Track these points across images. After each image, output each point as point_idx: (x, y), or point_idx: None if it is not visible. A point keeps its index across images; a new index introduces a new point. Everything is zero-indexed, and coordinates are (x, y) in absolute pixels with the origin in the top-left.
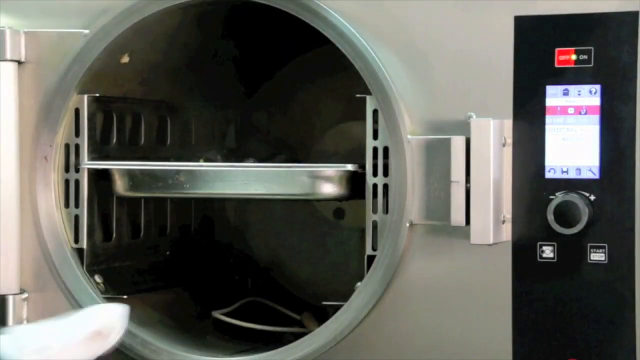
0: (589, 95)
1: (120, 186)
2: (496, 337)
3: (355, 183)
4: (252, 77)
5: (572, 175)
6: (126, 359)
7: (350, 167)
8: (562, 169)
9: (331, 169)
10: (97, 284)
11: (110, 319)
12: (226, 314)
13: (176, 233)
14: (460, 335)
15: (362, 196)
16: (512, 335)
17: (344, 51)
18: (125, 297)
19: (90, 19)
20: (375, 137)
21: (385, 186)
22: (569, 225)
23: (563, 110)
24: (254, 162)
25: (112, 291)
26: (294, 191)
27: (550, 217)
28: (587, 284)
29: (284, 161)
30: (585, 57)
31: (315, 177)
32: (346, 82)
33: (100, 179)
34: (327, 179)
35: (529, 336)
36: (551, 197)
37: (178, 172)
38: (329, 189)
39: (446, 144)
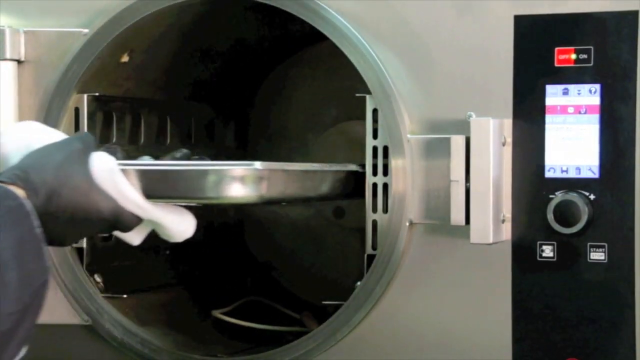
0: (588, 95)
1: None
2: (496, 337)
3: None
4: (252, 75)
5: (571, 174)
6: (126, 358)
7: (258, 165)
8: (561, 168)
9: (240, 168)
10: (97, 283)
11: None
12: (226, 314)
13: None
14: (460, 334)
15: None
16: (511, 334)
17: (343, 50)
18: (124, 296)
19: (89, 18)
20: (375, 136)
21: (385, 185)
22: (569, 224)
23: (563, 110)
24: (150, 159)
25: (112, 290)
26: (197, 194)
27: (550, 216)
28: (586, 283)
29: (186, 158)
30: (585, 56)
31: (222, 177)
32: (346, 81)
33: None
34: (235, 179)
35: (528, 336)
36: (551, 196)
37: None
38: (238, 192)
39: (446, 143)
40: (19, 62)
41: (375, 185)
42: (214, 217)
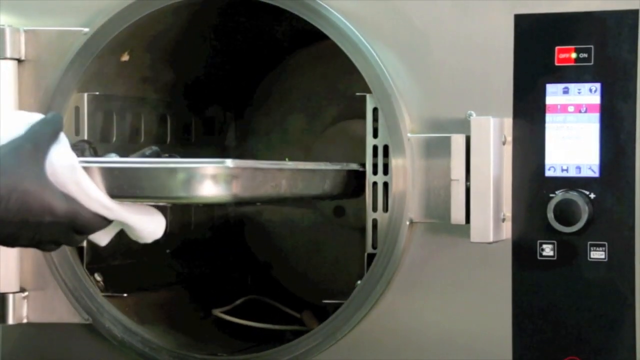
0: (589, 94)
1: None
2: (496, 336)
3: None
4: (251, 74)
5: (572, 173)
6: (127, 357)
7: (229, 162)
8: (562, 167)
9: (210, 165)
10: (97, 282)
11: None
12: (226, 312)
13: (176, 231)
14: (460, 333)
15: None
16: (511, 333)
17: (344, 49)
18: (125, 295)
19: (90, 17)
20: (375, 135)
21: (385, 184)
22: (569, 223)
23: (563, 109)
24: (116, 156)
25: (112, 289)
26: (166, 194)
27: (550, 215)
28: (586, 282)
29: (156, 155)
30: (585, 55)
31: (192, 175)
32: (346, 79)
33: None
34: (206, 177)
35: (528, 334)
36: (551, 195)
37: None
38: (210, 191)
39: (446, 142)
40: (19, 61)
41: (375, 184)
42: (215, 215)
